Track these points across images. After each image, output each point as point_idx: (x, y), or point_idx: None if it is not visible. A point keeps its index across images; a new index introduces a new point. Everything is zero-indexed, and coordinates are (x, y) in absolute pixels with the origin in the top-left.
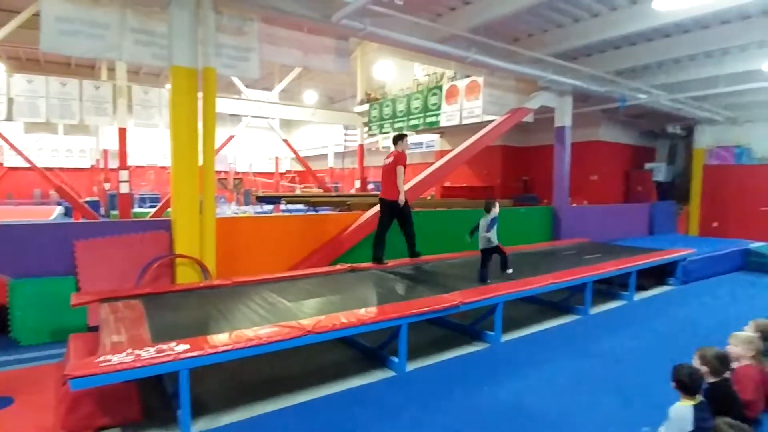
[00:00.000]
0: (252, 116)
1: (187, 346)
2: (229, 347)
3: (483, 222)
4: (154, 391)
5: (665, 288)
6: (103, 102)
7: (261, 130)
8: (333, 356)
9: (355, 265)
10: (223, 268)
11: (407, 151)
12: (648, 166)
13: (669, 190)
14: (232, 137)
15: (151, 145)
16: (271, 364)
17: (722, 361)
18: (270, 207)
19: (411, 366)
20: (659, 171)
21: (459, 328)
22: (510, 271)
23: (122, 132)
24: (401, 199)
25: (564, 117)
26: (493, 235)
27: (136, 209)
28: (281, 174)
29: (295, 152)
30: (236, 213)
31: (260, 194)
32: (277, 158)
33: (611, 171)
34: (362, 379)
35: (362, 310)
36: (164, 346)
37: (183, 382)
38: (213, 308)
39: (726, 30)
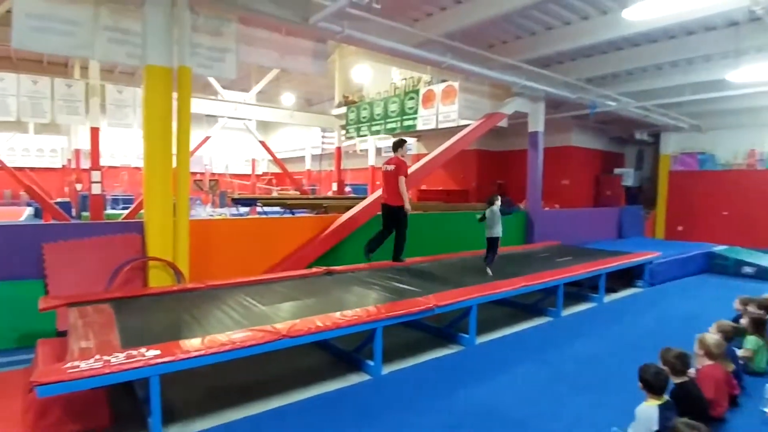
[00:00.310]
0: (228, 117)
1: (158, 352)
2: (202, 352)
3: (489, 213)
4: (125, 397)
5: (633, 290)
6: (76, 101)
7: (238, 132)
8: (308, 360)
9: (331, 268)
10: (197, 271)
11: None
12: (617, 171)
13: (637, 194)
14: (207, 138)
15: (125, 145)
16: (245, 368)
17: (682, 361)
18: (246, 209)
19: (386, 369)
20: (628, 176)
21: (434, 331)
22: (489, 273)
23: (95, 132)
24: (407, 207)
25: (537, 122)
26: (497, 227)
27: (109, 211)
28: (258, 176)
29: (272, 154)
30: (212, 215)
31: (236, 196)
32: (253, 160)
33: (582, 176)
34: (338, 383)
35: (337, 314)
36: (134, 352)
37: (153, 389)
38: (186, 312)
39: (691, 40)
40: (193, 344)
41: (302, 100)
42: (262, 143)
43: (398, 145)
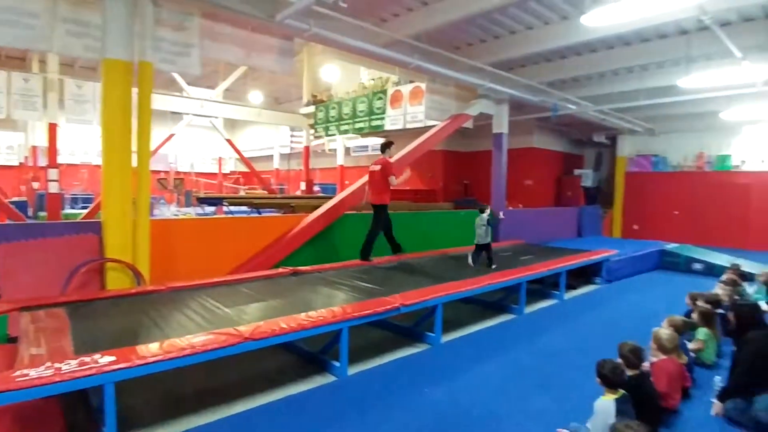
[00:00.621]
0: (194, 115)
1: (113, 358)
2: (159, 358)
3: (478, 221)
4: (79, 406)
5: (592, 287)
6: (33, 95)
7: (204, 130)
8: (273, 362)
9: (297, 268)
10: (158, 273)
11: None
12: (577, 172)
13: (595, 194)
14: (172, 136)
15: (86, 142)
16: (208, 372)
17: (636, 355)
18: (212, 208)
19: (352, 370)
20: (587, 177)
21: (400, 330)
22: (494, 266)
23: (52, 128)
24: (393, 181)
25: (501, 124)
26: (486, 234)
27: (68, 210)
28: (225, 175)
29: (238, 152)
30: (176, 214)
31: (202, 195)
32: (220, 159)
33: (544, 176)
34: (303, 386)
35: (303, 315)
36: (87, 359)
37: (108, 397)
38: (145, 316)
39: (645, 47)
40: (150, 349)
41: (270, 98)
42: (229, 141)
43: (386, 146)
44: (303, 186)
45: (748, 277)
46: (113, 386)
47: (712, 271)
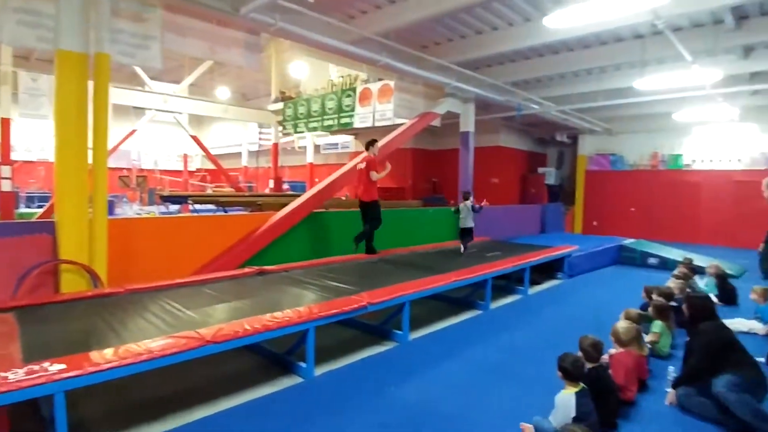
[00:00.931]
0: (157, 110)
1: (63, 366)
2: (114, 365)
3: (463, 207)
4: (29, 416)
5: (555, 282)
6: None
7: (168, 126)
8: (237, 365)
9: (264, 267)
10: (118, 275)
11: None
12: (540, 170)
13: (558, 192)
14: (134, 131)
15: (42, 138)
16: (169, 377)
17: (596, 349)
18: (176, 207)
19: (319, 370)
20: (549, 175)
21: (368, 328)
22: (462, 251)
23: (5, 123)
24: (374, 176)
25: (468, 123)
26: (469, 220)
27: (23, 209)
28: (191, 172)
29: (204, 149)
30: (139, 213)
31: (166, 193)
32: (185, 156)
33: (509, 174)
34: (268, 388)
35: (267, 316)
36: (36, 367)
37: (58, 407)
38: (100, 320)
39: (603, 50)
40: (104, 356)
41: (238, 94)
42: (195, 138)
43: (370, 144)
44: (272, 184)
45: (699, 271)
46: (64, 395)
47: (666, 265)
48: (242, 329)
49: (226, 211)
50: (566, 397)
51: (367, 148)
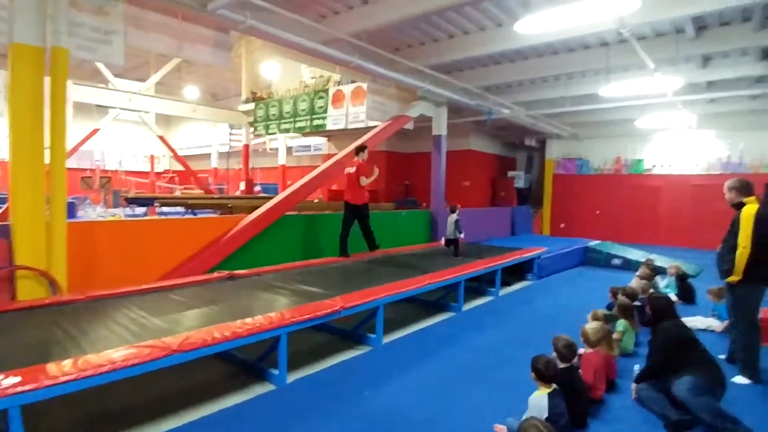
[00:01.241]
0: (121, 108)
1: (18, 379)
2: (73, 377)
3: (450, 219)
4: None
5: (525, 283)
6: None
7: (134, 126)
8: (207, 373)
9: (234, 272)
10: (78, 281)
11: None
12: (510, 174)
13: (527, 195)
14: (96, 131)
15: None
16: (135, 387)
17: (570, 350)
18: (143, 209)
19: (292, 377)
20: (519, 179)
21: (341, 333)
22: (459, 257)
23: None
24: (363, 181)
25: (440, 126)
26: (456, 231)
27: None
28: (158, 174)
29: (172, 150)
30: (103, 216)
31: (131, 195)
32: (152, 156)
33: (480, 178)
34: (239, 397)
35: (238, 322)
36: None
37: (14, 422)
38: (59, 329)
39: (571, 57)
40: (62, 368)
41: (207, 94)
42: (162, 138)
43: (359, 149)
44: (243, 186)
45: (660, 271)
46: (19, 410)
47: (629, 265)
48: (210, 337)
49: (195, 214)
50: (539, 398)
51: (356, 154)
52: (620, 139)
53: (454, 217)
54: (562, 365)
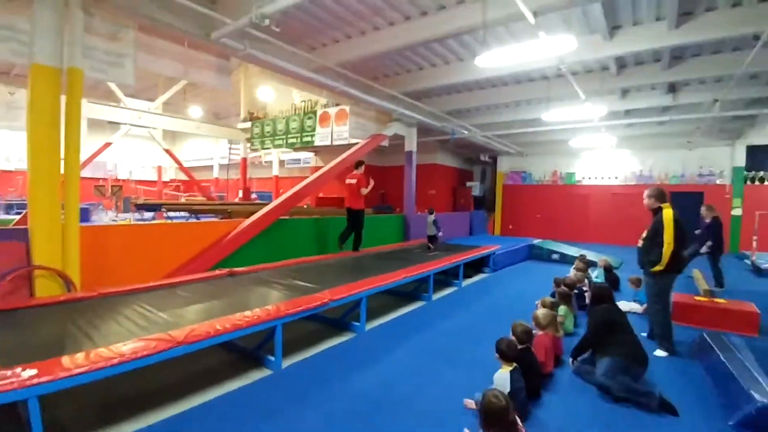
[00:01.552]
0: (131, 125)
1: (35, 371)
2: (85, 369)
3: (429, 220)
4: (10, 418)
5: (483, 275)
6: None
7: (144, 140)
8: (210, 361)
9: (234, 269)
10: (91, 280)
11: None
12: (468, 184)
13: (482, 202)
14: (108, 144)
15: (21, 148)
16: (143, 377)
17: (527, 334)
18: (151, 214)
19: (287, 362)
20: (475, 188)
21: (329, 322)
22: (430, 253)
23: None
24: (363, 190)
25: (411, 144)
26: (432, 229)
27: (2, 216)
28: (165, 183)
29: (177, 162)
30: (114, 220)
31: (140, 202)
32: (160, 167)
33: (444, 187)
34: (239, 382)
35: (238, 315)
36: (8, 372)
37: (33, 412)
38: (73, 325)
39: (519, 88)
40: (76, 360)
41: (210, 113)
42: (168, 151)
43: (359, 164)
44: (241, 194)
45: (591, 264)
46: (37, 400)
47: (566, 259)
48: (213, 329)
49: (198, 218)
50: (503, 375)
51: (356, 167)
52: (557, 156)
53: (431, 218)
54: (521, 347)
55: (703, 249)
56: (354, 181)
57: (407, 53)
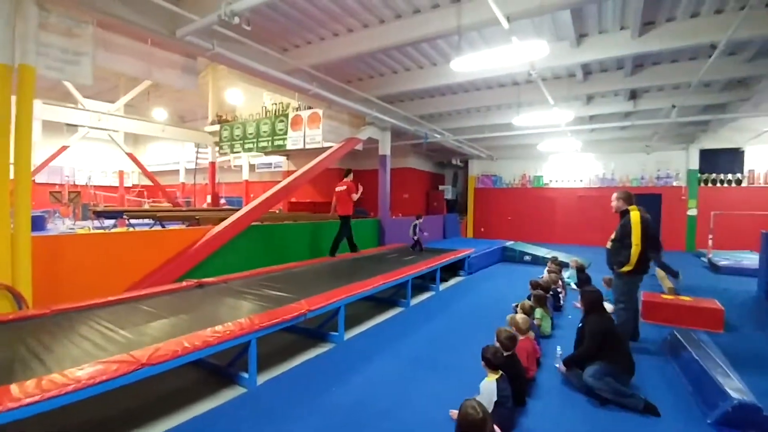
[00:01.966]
0: (90, 127)
1: None
2: (37, 398)
3: (414, 223)
4: None
5: (459, 279)
6: None
7: (103, 143)
8: (178, 382)
9: (203, 280)
10: (46, 295)
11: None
12: (441, 187)
13: (454, 205)
14: (65, 148)
15: None
16: (102, 403)
17: (511, 341)
18: (111, 222)
19: (262, 378)
20: (447, 191)
21: (306, 332)
22: (419, 250)
23: None
24: (354, 197)
25: (385, 147)
26: (417, 232)
27: None
28: (127, 188)
29: (140, 166)
30: (72, 229)
31: (99, 209)
32: (121, 172)
33: (417, 191)
34: (211, 403)
35: (208, 330)
36: None
37: None
38: (23, 347)
39: (490, 93)
40: (26, 388)
41: (175, 116)
42: (130, 155)
43: (348, 171)
44: (209, 199)
45: (563, 265)
46: None
47: (537, 260)
48: (181, 347)
49: (163, 226)
50: (489, 384)
51: (346, 175)
52: (526, 160)
53: (416, 222)
54: (506, 353)
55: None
56: (344, 188)
57: (381, 56)
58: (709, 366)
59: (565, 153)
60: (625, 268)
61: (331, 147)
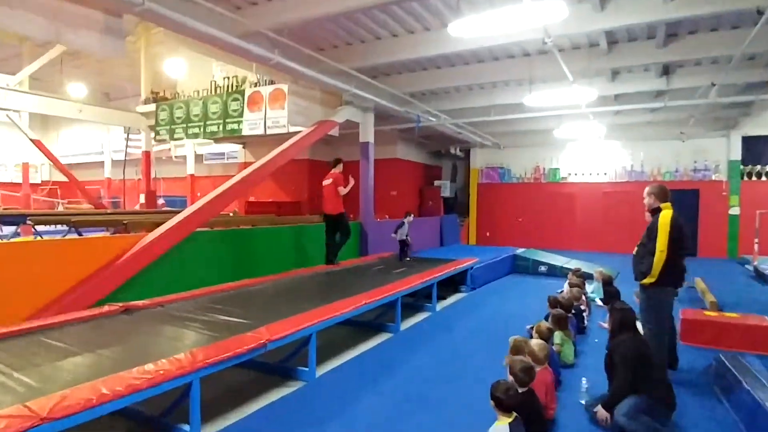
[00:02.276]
0: None
1: None
2: None
3: (402, 221)
4: None
5: (459, 295)
6: None
7: (3, 127)
8: None
9: (130, 303)
10: None
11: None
12: (437, 183)
13: (453, 204)
14: None
15: None
16: None
17: (528, 373)
18: (12, 229)
19: (208, 430)
20: (445, 188)
21: (267, 368)
22: (408, 258)
23: None
24: (342, 191)
25: (367, 133)
26: (403, 234)
27: None
28: (35, 185)
29: (51, 157)
30: None
31: None
32: (26, 165)
33: (408, 187)
34: None
35: (134, 371)
36: None
37: None
38: None
39: (496, 65)
40: None
41: (99, 93)
42: (37, 143)
43: (337, 162)
44: (143, 199)
45: (586, 277)
46: None
47: (554, 272)
48: (97, 394)
49: (80, 234)
50: (501, 430)
51: (334, 166)
52: (540, 149)
53: (407, 220)
54: (521, 390)
55: None
56: (330, 181)
57: (361, 18)
58: (763, 399)
59: (586, 140)
60: (647, 280)
61: (299, 132)
